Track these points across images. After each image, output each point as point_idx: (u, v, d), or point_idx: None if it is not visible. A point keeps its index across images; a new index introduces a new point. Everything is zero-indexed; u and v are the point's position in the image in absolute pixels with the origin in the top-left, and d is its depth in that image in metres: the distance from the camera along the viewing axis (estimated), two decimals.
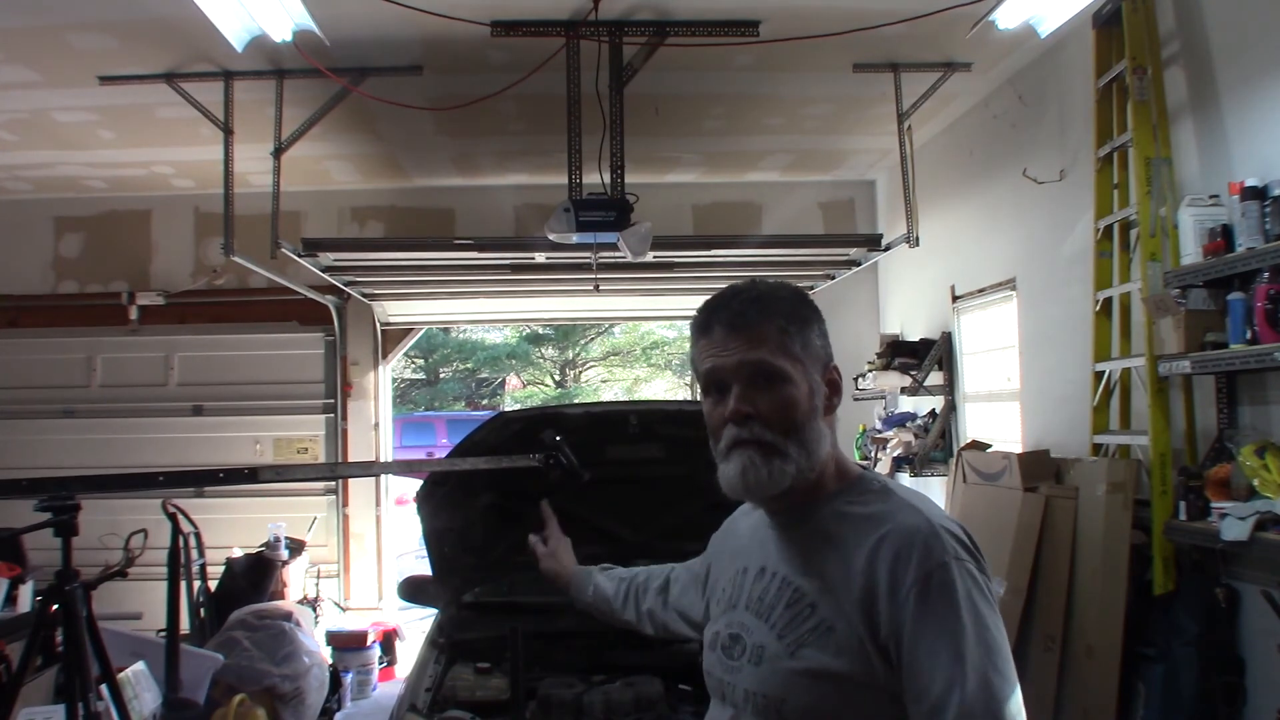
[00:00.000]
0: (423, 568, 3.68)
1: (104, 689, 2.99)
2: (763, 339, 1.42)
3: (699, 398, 1.54)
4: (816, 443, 1.43)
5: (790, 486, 1.43)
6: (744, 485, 1.43)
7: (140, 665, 4.09)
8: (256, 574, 6.20)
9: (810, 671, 1.36)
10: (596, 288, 6.23)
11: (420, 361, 21.43)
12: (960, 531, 1.38)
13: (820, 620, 1.37)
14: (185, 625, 5.04)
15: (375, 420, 7.59)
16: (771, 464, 1.41)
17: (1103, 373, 4.29)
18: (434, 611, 3.64)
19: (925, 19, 4.36)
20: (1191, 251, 3.50)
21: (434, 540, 3.42)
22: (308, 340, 7.44)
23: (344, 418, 7.48)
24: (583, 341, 21.73)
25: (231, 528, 6.69)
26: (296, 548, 6.61)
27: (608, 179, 4.80)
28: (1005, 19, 4.19)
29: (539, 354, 21.93)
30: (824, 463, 1.45)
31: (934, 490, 6.30)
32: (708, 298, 1.52)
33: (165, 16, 4.31)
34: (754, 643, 1.44)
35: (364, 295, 7.07)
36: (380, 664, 6.57)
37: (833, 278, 6.72)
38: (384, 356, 7.68)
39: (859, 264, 6.29)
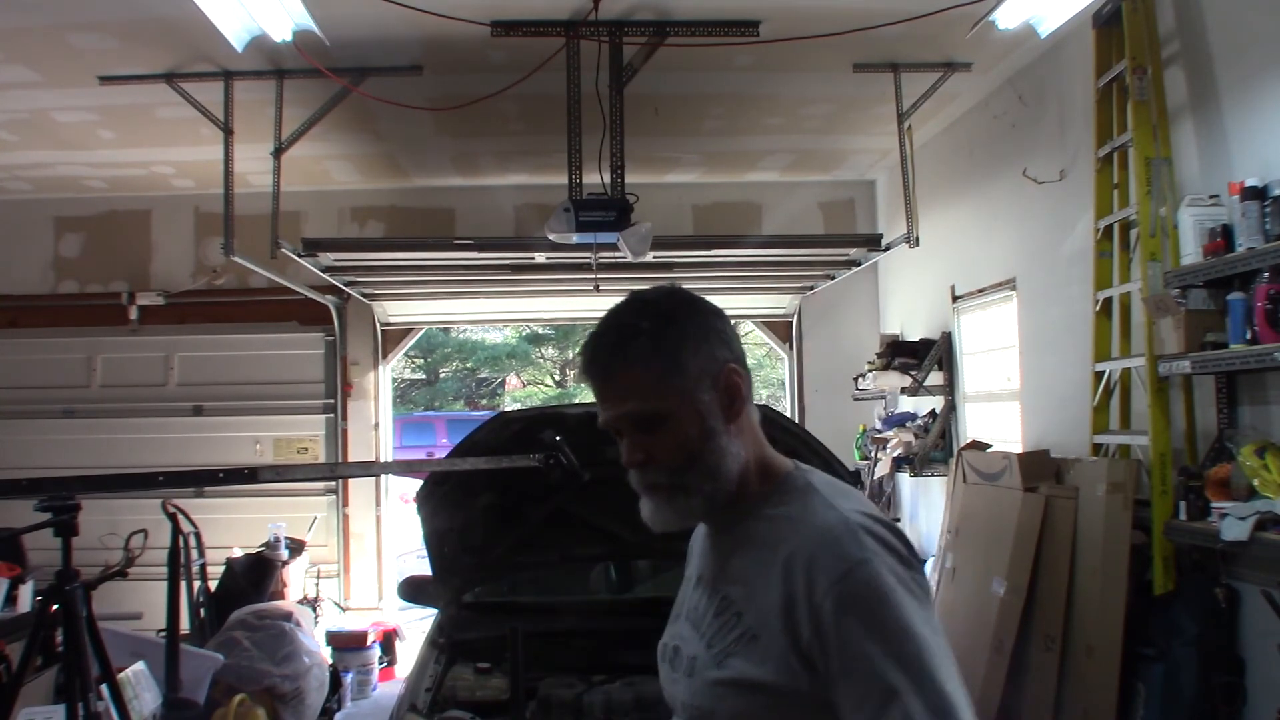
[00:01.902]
0: (423, 568, 3.68)
1: (104, 689, 2.99)
2: (628, 388, 1.36)
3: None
4: (720, 462, 1.37)
5: (709, 512, 1.40)
6: (657, 525, 1.42)
7: (140, 665, 4.09)
8: (256, 574, 6.20)
9: (736, 681, 1.30)
10: (596, 288, 6.23)
11: (420, 361, 21.42)
12: (880, 527, 1.30)
13: (746, 629, 1.32)
14: (185, 625, 5.04)
15: (375, 420, 7.59)
16: (675, 503, 1.38)
17: (1103, 373, 4.28)
18: (434, 611, 3.64)
19: (925, 19, 4.36)
20: (1191, 251, 3.50)
21: (434, 540, 3.42)
22: (308, 340, 7.44)
23: (344, 418, 7.48)
24: (583, 341, 21.70)
25: (231, 528, 6.69)
26: (296, 548, 6.61)
27: (608, 179, 4.80)
28: (1005, 19, 4.19)
29: (539, 354, 21.92)
30: (742, 471, 1.39)
31: (934, 490, 6.30)
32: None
33: (165, 16, 4.30)
34: (689, 654, 1.41)
35: (364, 295, 7.07)
36: (380, 664, 6.57)
37: (833, 278, 6.72)
38: (384, 356, 7.69)
39: (859, 264, 6.30)
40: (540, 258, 5.97)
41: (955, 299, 6.13)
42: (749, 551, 1.37)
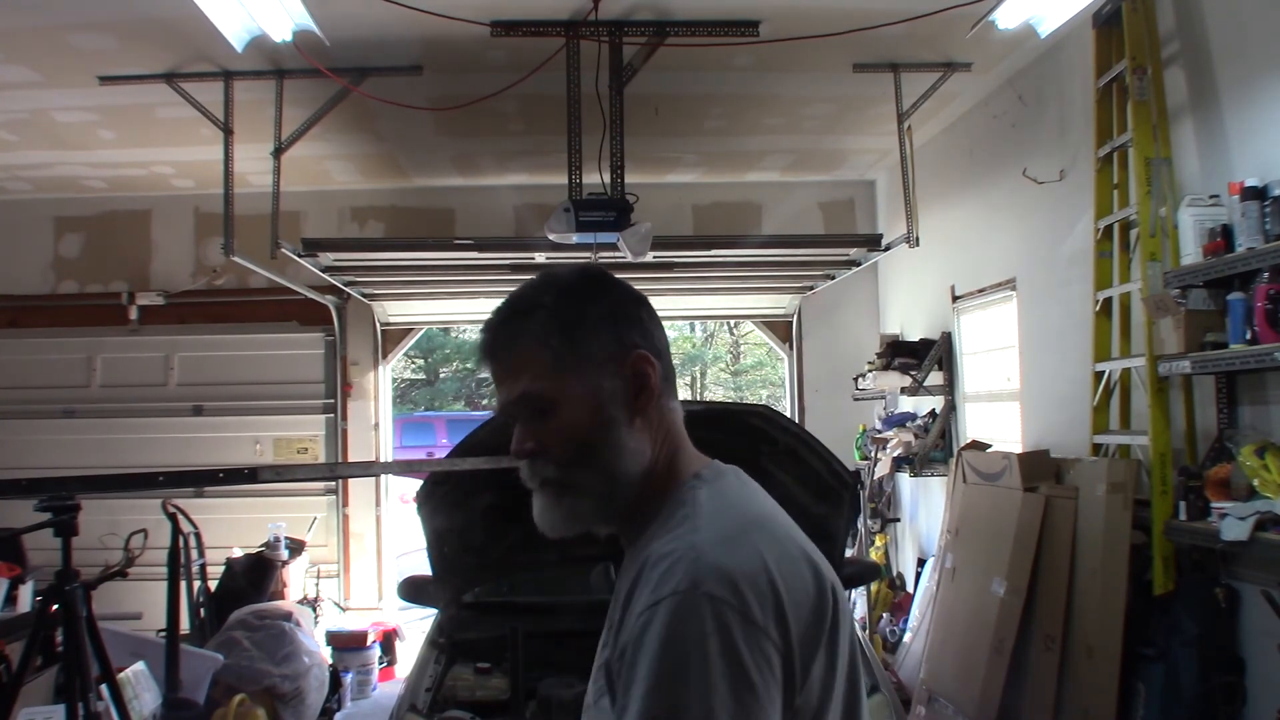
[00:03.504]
0: (423, 567, 3.68)
1: (104, 689, 3.00)
2: (520, 366, 1.22)
3: (700, 397, 1.48)
4: (617, 459, 1.21)
5: (603, 518, 1.24)
6: (546, 528, 1.26)
7: (140, 665, 4.10)
8: (256, 574, 6.20)
9: None
10: None
11: (420, 361, 21.44)
12: (741, 569, 1.07)
13: (604, 661, 1.16)
14: (185, 625, 5.05)
15: (375, 420, 7.59)
16: (563, 503, 1.23)
17: (1103, 373, 4.29)
18: (434, 611, 3.65)
19: (925, 19, 4.36)
20: (1191, 251, 3.50)
21: (434, 540, 3.42)
22: (308, 340, 7.45)
23: (344, 418, 7.48)
24: None
25: (231, 528, 6.69)
26: (296, 548, 6.62)
27: (608, 179, 4.80)
28: (1005, 19, 4.19)
29: None
30: (646, 473, 1.23)
31: (934, 490, 6.30)
32: None
33: (165, 16, 4.30)
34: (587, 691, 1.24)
35: (364, 295, 7.07)
36: (380, 664, 6.58)
37: (833, 278, 6.72)
38: (384, 356, 7.69)
39: (859, 264, 6.30)
40: (540, 258, 5.96)
41: (955, 299, 6.13)
42: (629, 572, 1.20)
